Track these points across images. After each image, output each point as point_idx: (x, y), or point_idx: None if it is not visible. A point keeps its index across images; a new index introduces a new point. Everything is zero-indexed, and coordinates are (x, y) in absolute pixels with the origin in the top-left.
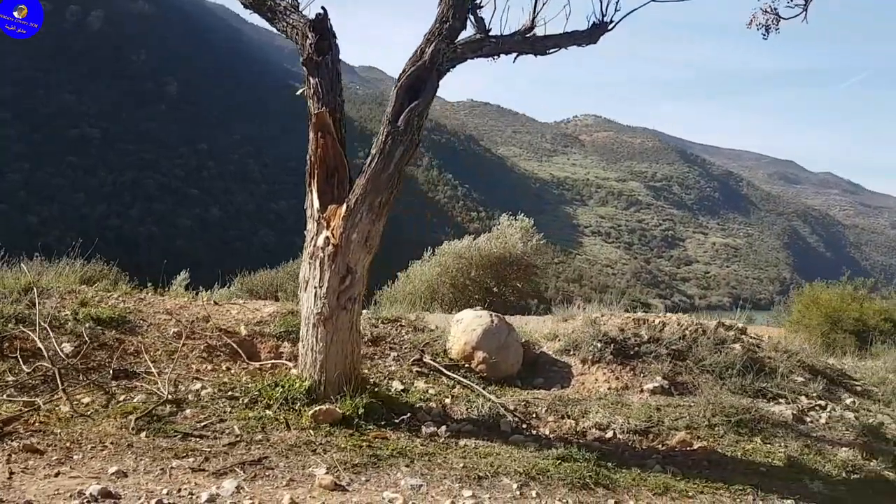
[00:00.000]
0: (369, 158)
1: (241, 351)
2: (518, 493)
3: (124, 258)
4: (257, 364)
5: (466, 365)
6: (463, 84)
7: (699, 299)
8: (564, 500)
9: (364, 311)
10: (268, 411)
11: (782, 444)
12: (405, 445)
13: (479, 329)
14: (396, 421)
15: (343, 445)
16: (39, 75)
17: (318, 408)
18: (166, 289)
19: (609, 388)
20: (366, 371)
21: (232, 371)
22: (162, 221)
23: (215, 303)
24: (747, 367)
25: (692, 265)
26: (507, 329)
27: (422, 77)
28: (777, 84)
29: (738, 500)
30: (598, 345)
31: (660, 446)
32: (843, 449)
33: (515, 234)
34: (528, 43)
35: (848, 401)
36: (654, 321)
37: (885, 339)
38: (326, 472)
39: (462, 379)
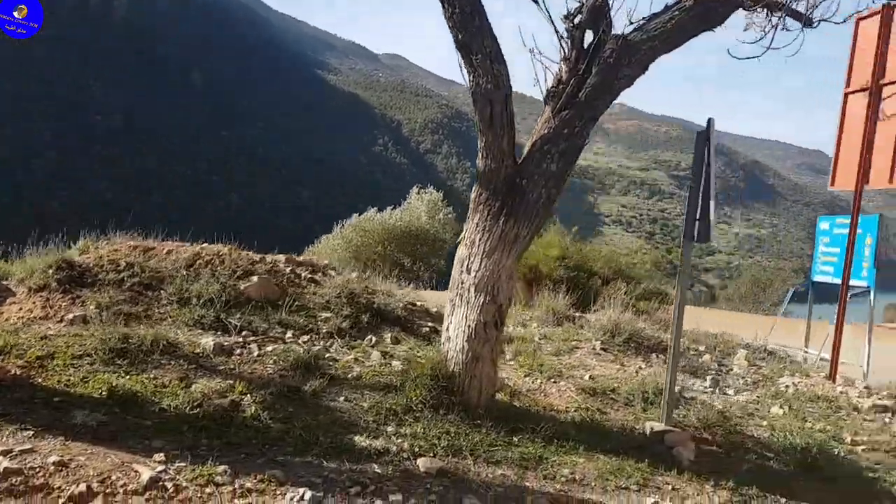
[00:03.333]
0: None
1: None
2: None
3: None
4: None
5: None
6: None
7: (720, 290)
8: None
9: None
10: None
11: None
12: None
13: None
14: None
15: None
16: (65, 66)
17: None
18: None
19: (22, 318)
20: None
21: None
22: (183, 209)
23: None
24: (260, 303)
25: (714, 255)
26: None
27: None
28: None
29: None
30: (50, 272)
31: None
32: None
33: (422, 207)
34: None
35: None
36: (162, 250)
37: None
38: None
39: None
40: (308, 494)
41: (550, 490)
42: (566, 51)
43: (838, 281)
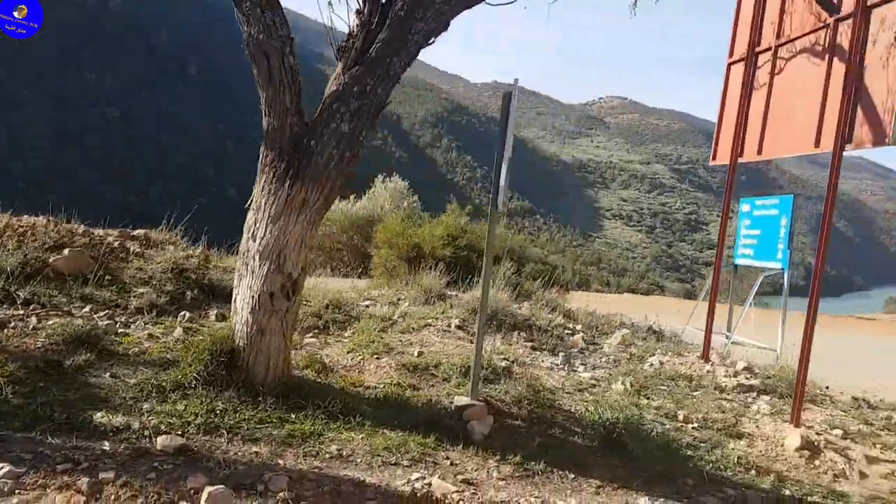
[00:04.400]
0: None
1: None
2: None
3: None
4: None
5: None
6: (486, 65)
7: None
8: None
9: None
10: None
11: None
12: None
13: None
14: None
15: None
16: (61, 55)
17: None
18: None
19: None
20: None
21: None
22: (179, 201)
23: None
24: (69, 277)
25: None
26: None
27: None
28: None
29: None
30: None
31: None
32: None
33: (385, 196)
34: None
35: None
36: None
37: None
38: None
39: None
40: (5, 469)
41: (304, 468)
42: (360, 2)
43: (758, 264)
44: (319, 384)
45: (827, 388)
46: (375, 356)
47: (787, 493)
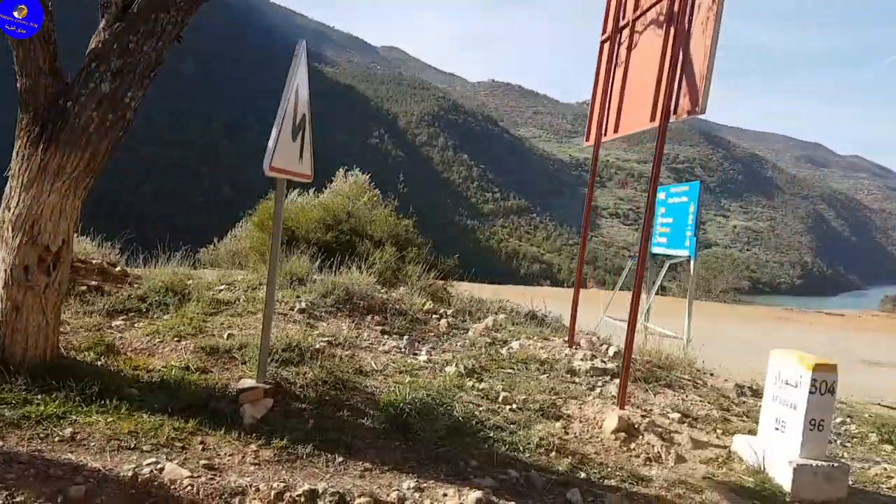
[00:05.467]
0: None
1: None
2: None
3: (138, 235)
4: None
5: None
6: (485, 64)
7: (743, 285)
8: None
9: None
10: None
11: None
12: None
13: None
14: None
15: None
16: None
17: None
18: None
19: None
20: None
21: None
22: (174, 199)
23: None
24: None
25: (711, 248)
26: None
27: None
28: (805, 64)
29: None
30: None
31: None
32: None
33: (344, 189)
34: None
35: None
36: None
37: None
38: None
39: None
40: None
41: (22, 450)
42: None
43: (671, 252)
44: (96, 367)
45: (712, 374)
46: (177, 339)
47: (583, 475)
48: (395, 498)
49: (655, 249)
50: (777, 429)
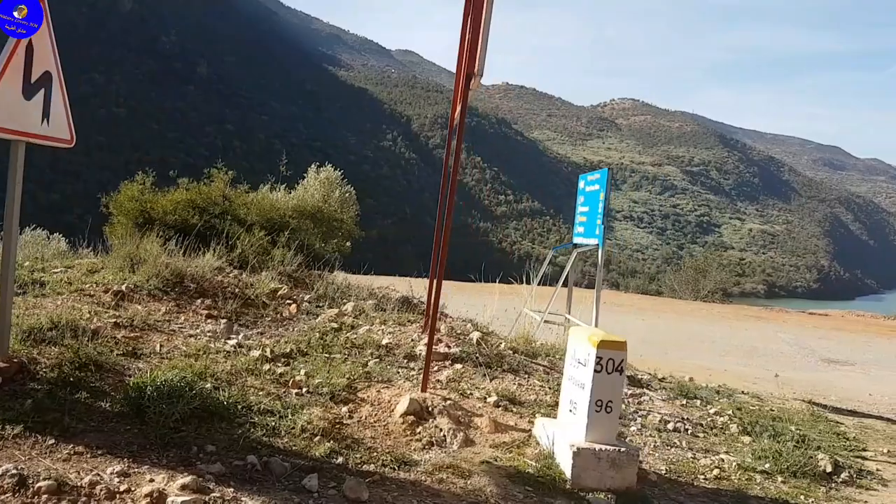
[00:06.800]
0: None
1: None
2: None
3: None
4: None
5: None
6: (500, 67)
7: (732, 286)
8: None
9: None
10: None
11: None
12: None
13: None
14: None
15: None
16: (69, 53)
17: None
18: None
19: None
20: None
21: None
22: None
23: None
24: None
25: (727, 251)
26: None
27: None
28: (823, 67)
29: None
30: None
31: None
32: None
33: (315, 185)
34: None
35: None
36: None
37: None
38: None
39: None
40: None
41: None
42: None
43: (586, 241)
44: None
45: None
46: None
47: (340, 460)
48: (87, 482)
49: (576, 239)
50: (571, 411)
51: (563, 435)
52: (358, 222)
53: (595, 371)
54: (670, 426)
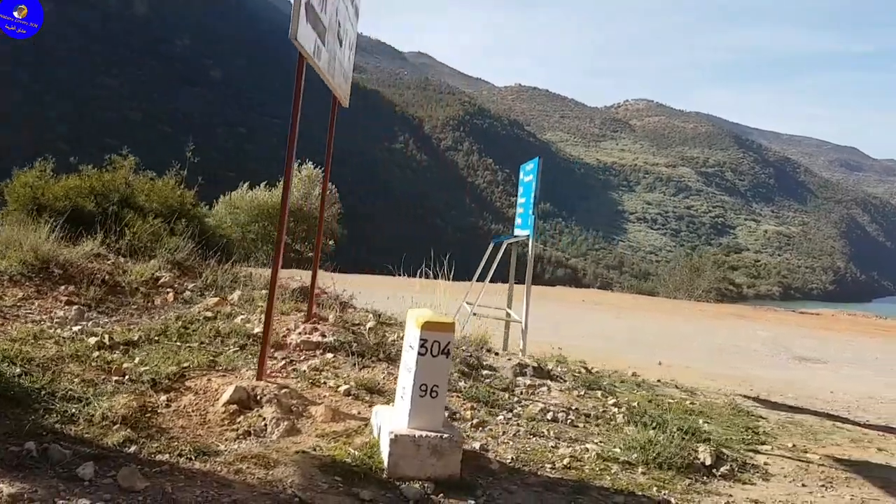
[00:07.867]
0: None
1: None
2: None
3: None
4: None
5: None
6: (512, 69)
7: (747, 288)
8: None
9: None
10: None
11: None
12: None
13: None
14: None
15: None
16: (83, 58)
17: None
18: None
19: None
20: None
21: None
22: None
23: None
24: None
25: (741, 253)
26: None
27: None
28: (840, 67)
29: None
30: None
31: None
32: None
33: (295, 183)
34: None
35: None
36: None
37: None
38: None
39: None
40: None
41: None
42: None
43: (523, 233)
44: None
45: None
46: None
47: (133, 449)
48: None
49: (517, 231)
50: (402, 397)
51: (390, 422)
52: (341, 220)
53: (419, 354)
54: (549, 416)
